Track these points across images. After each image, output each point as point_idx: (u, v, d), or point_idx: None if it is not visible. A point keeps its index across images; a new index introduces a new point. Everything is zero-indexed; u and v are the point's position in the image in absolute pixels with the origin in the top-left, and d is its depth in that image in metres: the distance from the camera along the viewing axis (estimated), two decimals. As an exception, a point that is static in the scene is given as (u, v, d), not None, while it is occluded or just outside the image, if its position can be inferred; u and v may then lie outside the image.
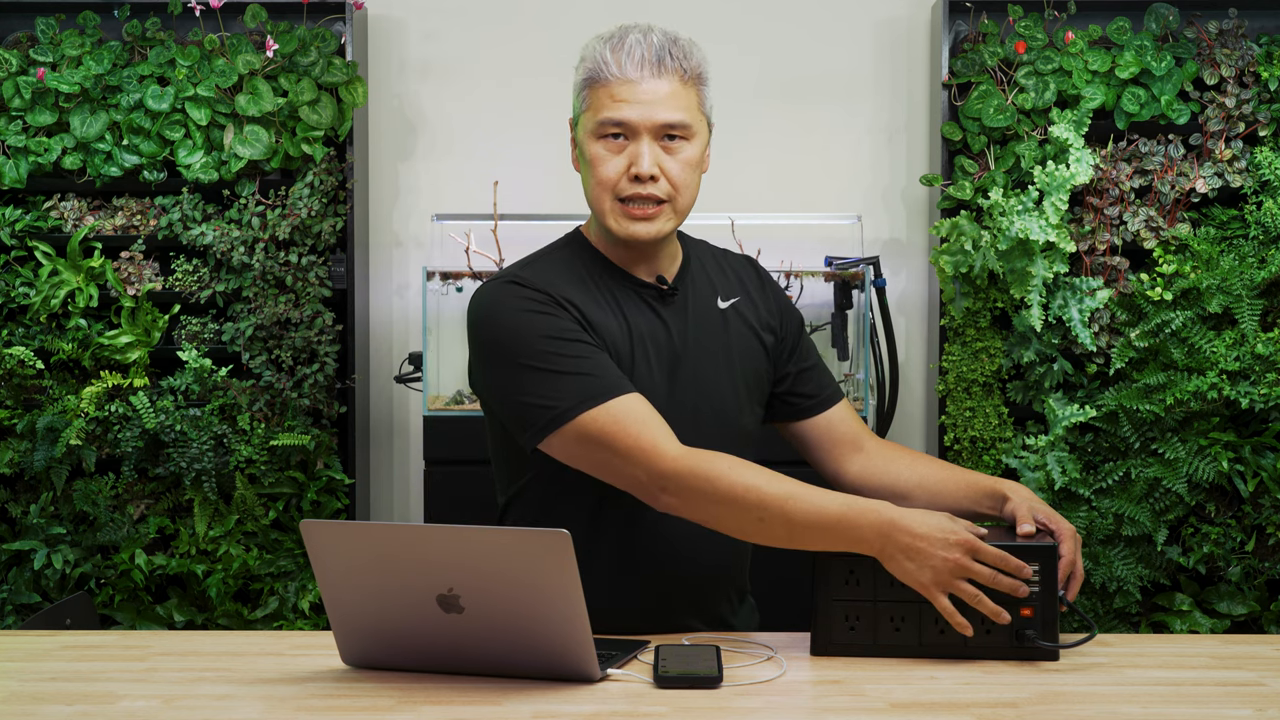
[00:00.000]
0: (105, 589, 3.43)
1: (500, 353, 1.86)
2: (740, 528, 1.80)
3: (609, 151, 1.87)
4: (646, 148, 1.86)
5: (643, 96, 1.85)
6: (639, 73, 1.84)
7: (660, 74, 1.85)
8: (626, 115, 1.85)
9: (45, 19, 3.47)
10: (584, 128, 1.90)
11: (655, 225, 1.89)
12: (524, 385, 1.83)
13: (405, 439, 3.76)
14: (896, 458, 2.06)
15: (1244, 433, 3.34)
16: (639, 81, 1.85)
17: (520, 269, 1.94)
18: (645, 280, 1.96)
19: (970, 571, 1.71)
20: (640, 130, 1.86)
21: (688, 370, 1.94)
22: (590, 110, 1.88)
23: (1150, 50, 3.38)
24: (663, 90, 1.85)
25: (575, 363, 1.82)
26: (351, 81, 3.44)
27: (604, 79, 1.86)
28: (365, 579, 1.62)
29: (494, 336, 1.87)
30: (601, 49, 1.87)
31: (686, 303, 1.98)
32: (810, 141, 3.73)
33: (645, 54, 1.84)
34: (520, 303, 1.86)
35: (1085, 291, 3.32)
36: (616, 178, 1.87)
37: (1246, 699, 1.59)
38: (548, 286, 1.88)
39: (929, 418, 3.69)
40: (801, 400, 2.07)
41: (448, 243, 3.49)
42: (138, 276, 3.48)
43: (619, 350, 1.90)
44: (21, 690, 1.62)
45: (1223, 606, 3.33)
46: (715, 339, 1.98)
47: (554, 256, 1.98)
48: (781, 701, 1.58)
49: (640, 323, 1.93)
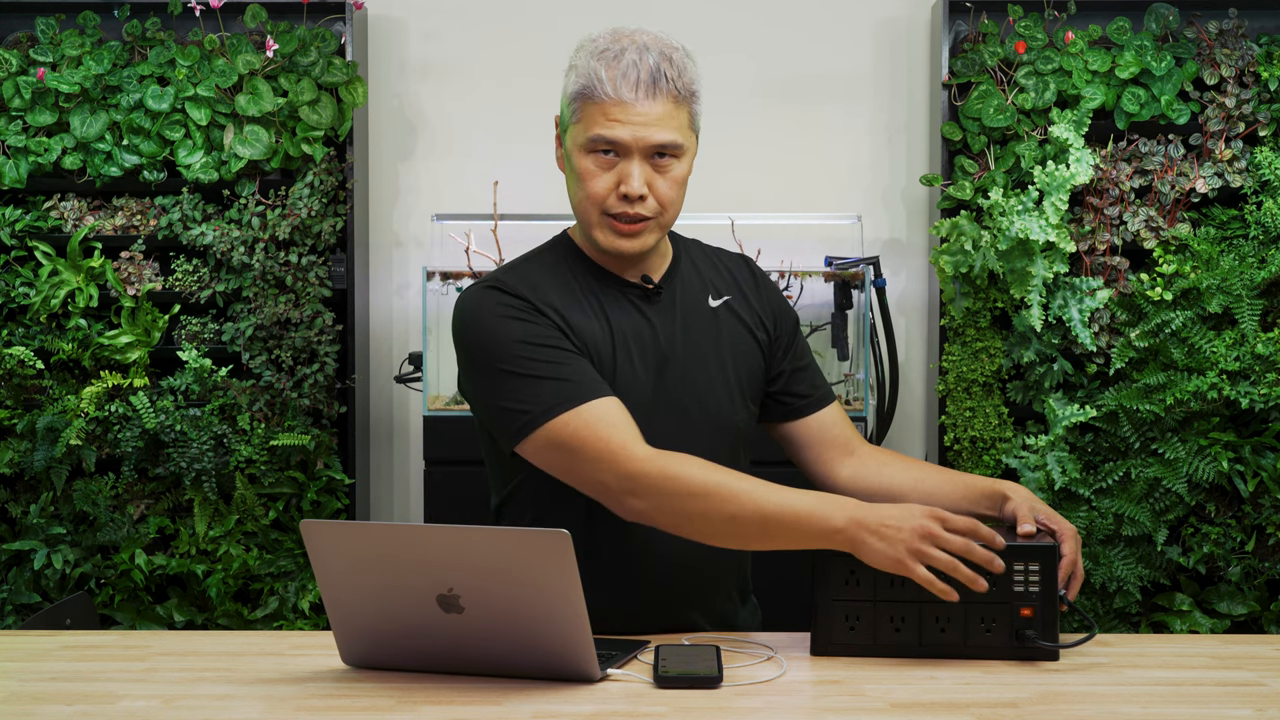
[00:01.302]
0: (105, 589, 3.43)
1: (480, 358, 1.87)
2: (711, 528, 1.79)
3: (598, 167, 1.87)
4: (637, 168, 1.85)
5: (636, 118, 1.84)
6: (633, 94, 1.83)
7: (654, 96, 1.84)
8: (619, 135, 1.84)
9: (45, 19, 3.47)
10: (574, 139, 1.89)
11: (640, 240, 1.89)
12: (501, 390, 1.84)
13: (405, 439, 3.76)
14: (889, 462, 2.05)
15: (1244, 433, 3.34)
16: (633, 104, 1.83)
17: (503, 273, 1.94)
18: (630, 280, 1.96)
19: (941, 539, 1.70)
20: (632, 150, 1.85)
21: (676, 369, 1.94)
22: (581, 124, 1.87)
23: (1150, 50, 3.38)
24: (655, 112, 1.84)
25: (551, 368, 1.83)
26: (351, 81, 3.44)
27: (597, 97, 1.84)
28: (365, 579, 1.62)
29: (474, 341, 1.88)
30: (596, 65, 1.85)
31: (675, 301, 1.98)
32: (810, 141, 3.73)
33: (641, 75, 1.83)
34: (499, 308, 1.87)
35: (1085, 291, 3.32)
36: (605, 194, 1.87)
37: (1246, 699, 1.59)
38: (528, 291, 1.89)
39: (929, 418, 3.69)
40: (794, 400, 2.07)
41: (448, 243, 3.49)
42: (138, 276, 3.48)
43: (600, 352, 1.90)
44: (21, 690, 1.62)
45: (1223, 606, 3.33)
46: (706, 337, 1.98)
47: (538, 260, 1.98)
48: (781, 701, 1.58)
49: (624, 323, 1.93)
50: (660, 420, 1.89)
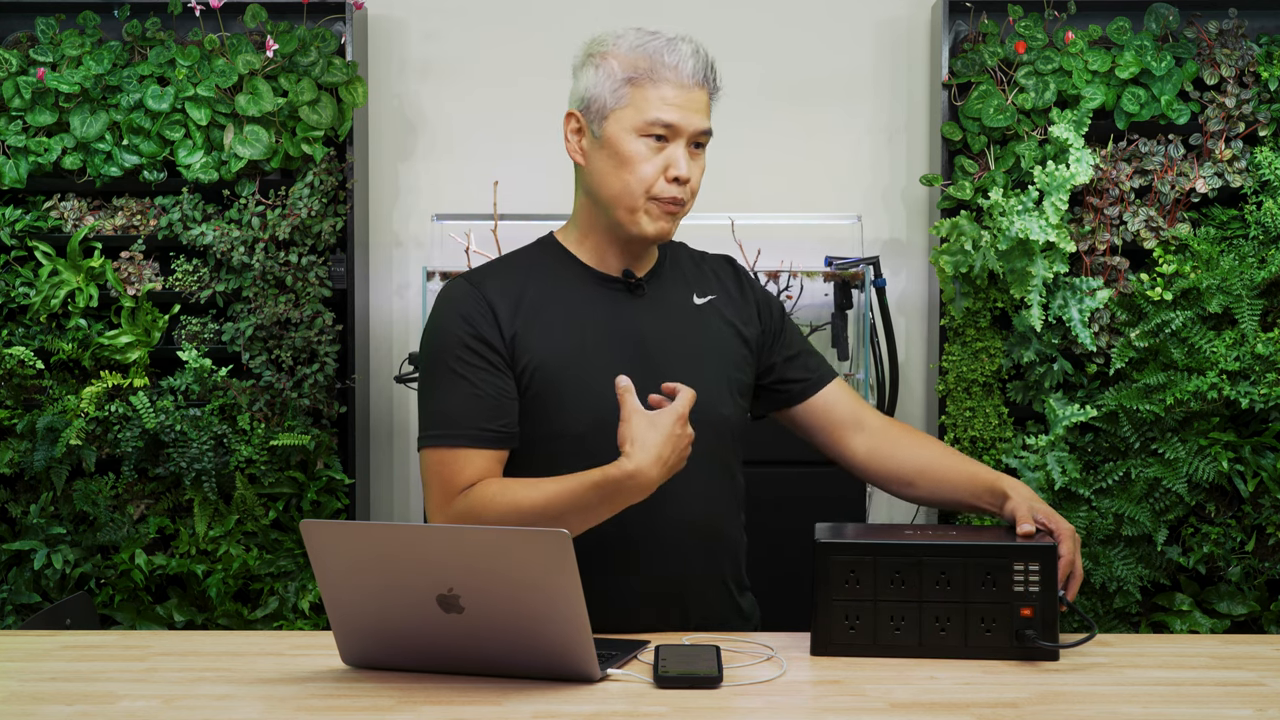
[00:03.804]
0: (105, 589, 3.43)
1: (423, 347, 2.00)
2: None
3: (650, 150, 1.93)
4: (684, 151, 1.93)
5: (691, 103, 1.93)
6: (691, 80, 1.92)
7: (703, 86, 1.95)
8: (676, 118, 1.92)
9: (45, 19, 3.47)
10: (621, 123, 1.93)
11: (674, 224, 1.98)
12: (424, 389, 1.98)
13: (405, 439, 3.76)
14: (900, 437, 2.10)
15: (1244, 433, 3.34)
16: (691, 89, 1.92)
17: (480, 268, 2.04)
18: (613, 276, 2.01)
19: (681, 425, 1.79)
20: (683, 135, 1.93)
21: (660, 363, 1.96)
22: (633, 107, 1.92)
23: (1150, 50, 3.38)
24: (702, 101, 1.95)
25: (465, 385, 1.92)
26: (351, 81, 3.44)
27: (657, 79, 1.91)
28: (365, 579, 1.62)
29: (426, 328, 2.02)
30: (654, 49, 1.92)
31: (658, 298, 2.02)
32: (810, 142, 3.73)
33: (696, 65, 1.93)
34: (452, 304, 1.98)
35: (1085, 291, 3.32)
36: (655, 178, 1.93)
37: (1246, 699, 1.59)
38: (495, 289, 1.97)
39: (929, 418, 3.69)
40: (793, 386, 2.10)
41: (448, 243, 3.49)
42: (138, 276, 3.48)
43: (559, 351, 1.94)
44: (21, 690, 1.62)
45: (1223, 606, 3.33)
46: (690, 333, 2.01)
47: (518, 256, 2.05)
48: (781, 701, 1.58)
49: (604, 319, 1.97)
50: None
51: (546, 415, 1.93)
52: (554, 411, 1.92)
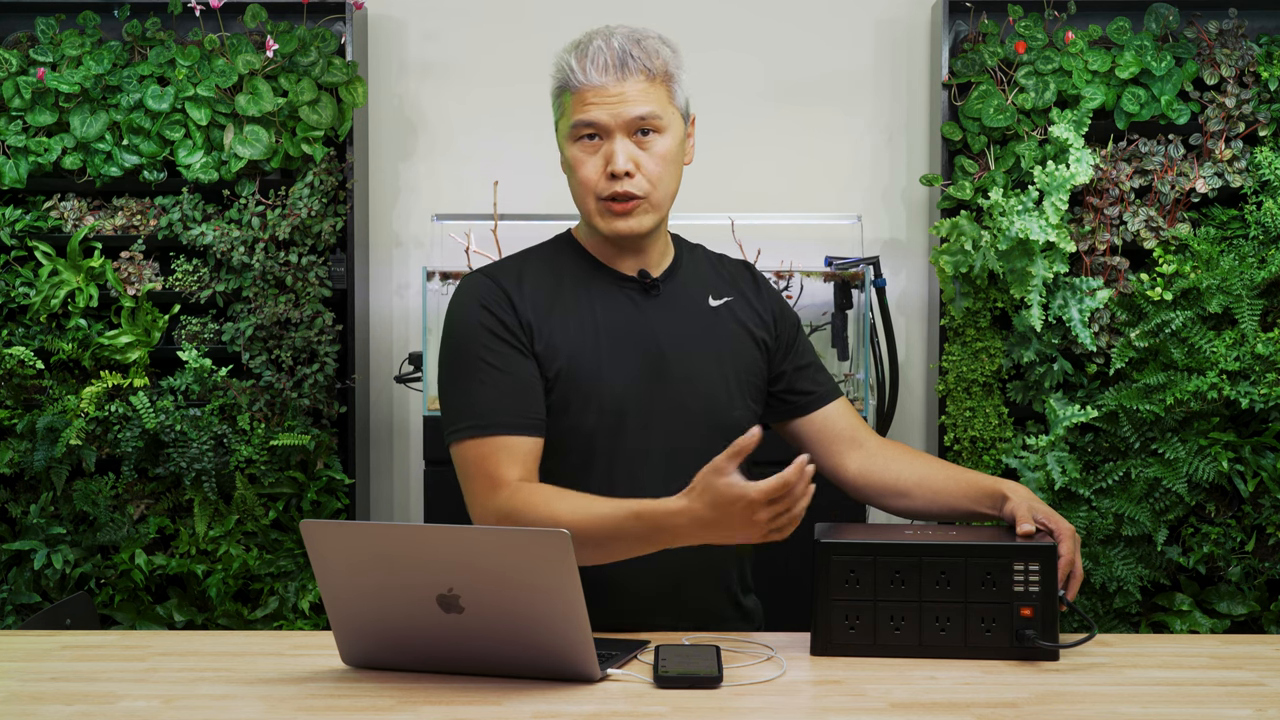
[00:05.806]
0: (105, 589, 3.43)
1: (444, 344, 1.97)
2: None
3: (586, 153, 1.94)
4: (619, 145, 1.92)
5: (609, 99, 1.91)
6: (603, 77, 1.91)
7: (624, 75, 1.91)
8: (595, 116, 1.91)
9: (45, 19, 3.47)
10: (562, 133, 1.97)
11: (636, 220, 1.95)
12: (446, 386, 1.95)
13: (405, 439, 3.76)
14: (896, 456, 2.08)
15: (1244, 433, 3.34)
16: (605, 85, 1.91)
17: (495, 263, 2.03)
18: (628, 275, 2.00)
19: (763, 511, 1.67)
20: (612, 129, 1.92)
21: (673, 363, 1.97)
22: (564, 116, 1.96)
23: (1150, 50, 3.38)
24: (628, 90, 1.91)
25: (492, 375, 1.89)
26: (351, 81, 3.44)
27: (573, 86, 1.93)
28: (365, 579, 1.62)
29: (445, 327, 1.98)
30: (568, 58, 1.94)
31: (674, 298, 2.02)
32: (811, 142, 3.73)
33: (608, 59, 1.91)
34: (471, 299, 1.95)
35: (1085, 291, 3.32)
36: (596, 178, 1.94)
37: (1246, 699, 1.59)
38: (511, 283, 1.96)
39: (929, 418, 3.69)
40: (799, 398, 2.10)
41: (448, 243, 3.49)
42: (138, 276, 3.48)
43: (580, 346, 1.93)
44: (21, 690, 1.62)
45: (1223, 606, 3.33)
46: (705, 334, 2.01)
47: (533, 253, 2.05)
48: (781, 701, 1.58)
49: (616, 317, 1.97)
50: (657, 414, 1.92)
51: (557, 410, 1.93)
52: (565, 407, 1.93)
